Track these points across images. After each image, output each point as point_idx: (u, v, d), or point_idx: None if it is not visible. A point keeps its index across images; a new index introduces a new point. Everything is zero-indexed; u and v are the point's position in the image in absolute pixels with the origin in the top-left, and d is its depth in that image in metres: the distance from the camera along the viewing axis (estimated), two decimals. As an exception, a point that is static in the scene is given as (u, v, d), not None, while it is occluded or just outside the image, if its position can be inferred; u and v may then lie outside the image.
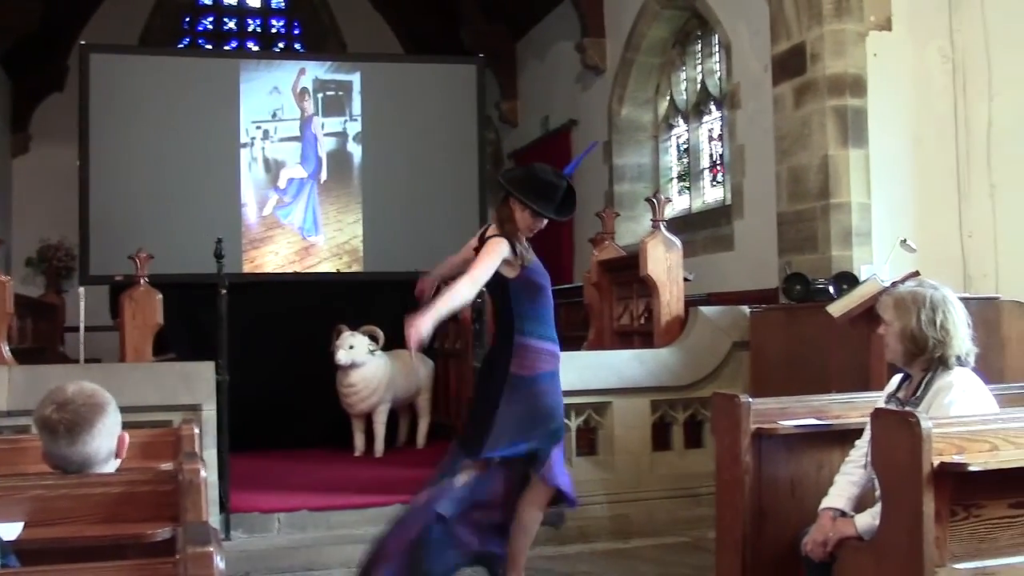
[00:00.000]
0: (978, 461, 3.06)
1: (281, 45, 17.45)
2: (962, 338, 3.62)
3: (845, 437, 3.99)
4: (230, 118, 10.76)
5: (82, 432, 2.95)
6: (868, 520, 3.44)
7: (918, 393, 3.63)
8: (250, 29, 17.51)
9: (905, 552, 3.08)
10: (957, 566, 3.10)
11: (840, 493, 3.68)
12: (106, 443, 3.00)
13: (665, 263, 7.72)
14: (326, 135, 11.10)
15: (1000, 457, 3.15)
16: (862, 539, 3.45)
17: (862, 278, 6.65)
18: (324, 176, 11.02)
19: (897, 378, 3.83)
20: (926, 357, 3.62)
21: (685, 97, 11.53)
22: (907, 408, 3.46)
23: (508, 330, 4.89)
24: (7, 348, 6.85)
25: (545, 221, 4.92)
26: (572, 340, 9.12)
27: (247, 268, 10.54)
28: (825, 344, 6.32)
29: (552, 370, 4.93)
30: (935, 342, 3.58)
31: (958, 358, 3.61)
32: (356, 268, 10.88)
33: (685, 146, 11.53)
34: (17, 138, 15.60)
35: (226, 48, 16.93)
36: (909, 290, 3.71)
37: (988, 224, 7.51)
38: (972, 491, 3.13)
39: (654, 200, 7.98)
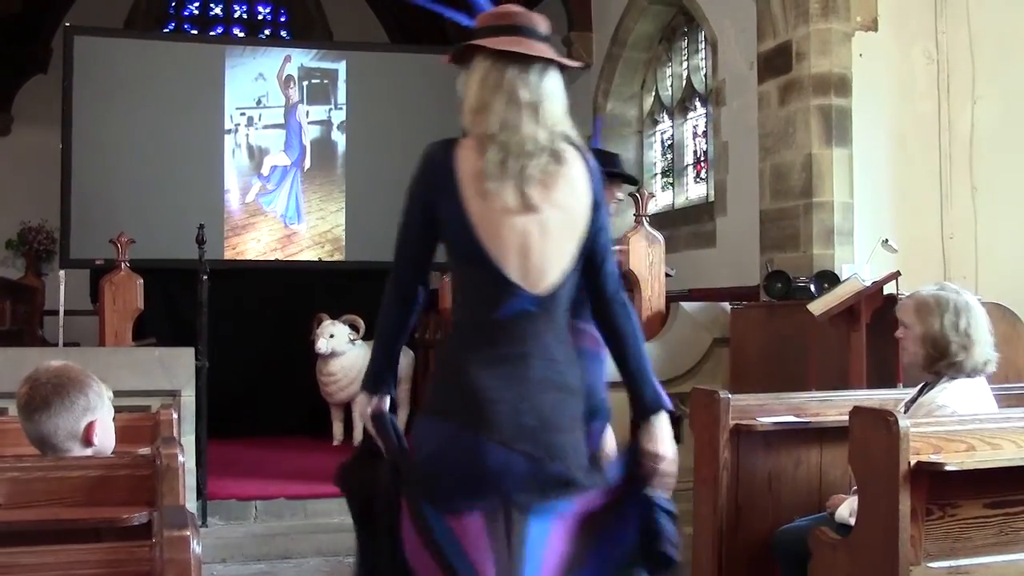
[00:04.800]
0: (954, 461, 3.08)
1: (267, 32, 17.39)
2: (983, 346, 3.57)
3: (823, 435, 4.01)
4: (214, 104, 10.69)
5: (38, 409, 2.92)
6: (845, 514, 3.45)
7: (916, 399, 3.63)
8: (236, 15, 17.44)
9: (880, 550, 3.10)
10: (932, 565, 3.12)
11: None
12: (65, 424, 2.94)
13: (647, 258, 7.72)
14: (310, 123, 11.04)
15: (976, 457, 3.16)
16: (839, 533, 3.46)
17: (843, 277, 6.68)
18: (308, 164, 10.96)
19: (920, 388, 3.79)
20: (946, 362, 3.56)
21: (670, 93, 11.54)
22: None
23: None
24: (-15, 330, 6.82)
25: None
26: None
27: (228, 255, 10.48)
28: (805, 342, 6.35)
29: None
30: (957, 347, 3.53)
31: (975, 366, 3.56)
32: (338, 257, 10.83)
33: (669, 142, 11.54)
34: (-2, 119, 15.52)
35: (212, 33, 16.84)
36: (932, 293, 3.64)
37: (969, 226, 7.54)
38: (948, 491, 3.14)
39: (637, 195, 7.98)
